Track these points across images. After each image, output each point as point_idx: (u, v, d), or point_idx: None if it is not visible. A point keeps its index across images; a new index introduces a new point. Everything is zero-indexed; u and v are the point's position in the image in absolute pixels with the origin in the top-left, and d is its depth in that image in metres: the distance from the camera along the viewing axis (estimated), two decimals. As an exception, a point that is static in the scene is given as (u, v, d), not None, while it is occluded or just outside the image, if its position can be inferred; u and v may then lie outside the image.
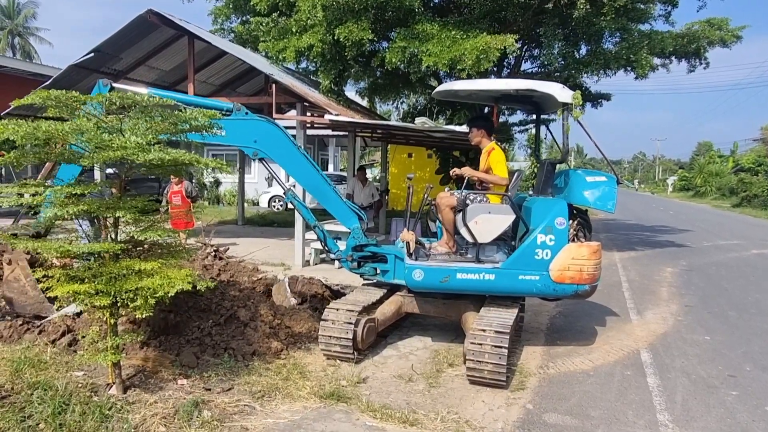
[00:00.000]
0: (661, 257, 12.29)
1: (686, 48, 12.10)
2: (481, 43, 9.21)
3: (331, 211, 5.33)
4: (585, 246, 4.91)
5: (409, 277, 5.10)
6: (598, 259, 4.90)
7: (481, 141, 5.57)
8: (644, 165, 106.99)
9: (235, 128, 4.88)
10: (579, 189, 5.11)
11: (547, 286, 4.89)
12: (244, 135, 4.92)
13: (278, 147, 4.99)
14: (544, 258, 4.86)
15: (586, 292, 4.98)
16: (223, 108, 4.89)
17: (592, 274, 4.86)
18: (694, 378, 4.91)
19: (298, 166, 5.06)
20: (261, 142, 4.93)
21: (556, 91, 5.04)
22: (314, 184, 5.19)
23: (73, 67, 10.24)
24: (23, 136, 3.35)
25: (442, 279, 5.03)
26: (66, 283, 3.56)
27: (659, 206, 35.22)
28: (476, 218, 5.04)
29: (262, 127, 4.95)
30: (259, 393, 4.08)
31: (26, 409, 3.45)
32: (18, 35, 43.47)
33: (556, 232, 4.84)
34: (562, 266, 4.83)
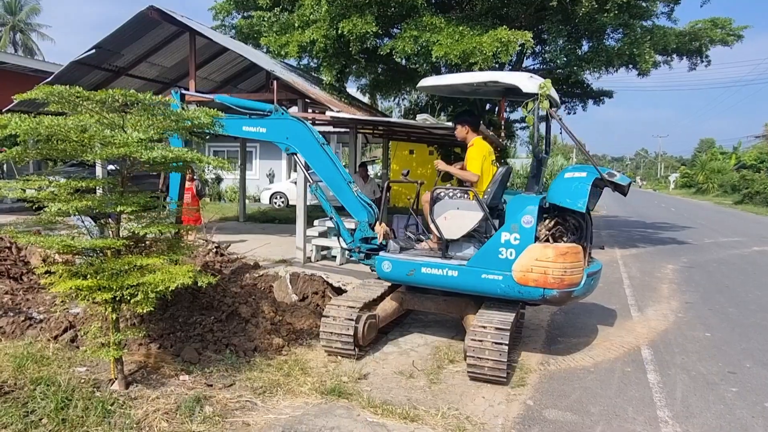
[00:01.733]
0: (663, 254, 12.29)
1: (688, 46, 12.08)
2: (502, 35, 9.18)
3: (344, 204, 5.61)
4: (551, 247, 4.54)
5: (379, 267, 5.18)
6: (567, 263, 4.48)
7: (465, 136, 5.51)
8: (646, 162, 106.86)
9: (273, 126, 5.60)
10: (555, 186, 4.83)
11: (511, 288, 4.61)
12: (279, 132, 5.60)
13: (305, 144, 5.56)
14: (508, 257, 4.60)
15: (555, 298, 4.57)
16: (265, 109, 5.62)
17: (558, 278, 4.46)
18: (694, 374, 4.92)
19: (320, 161, 5.57)
20: (292, 139, 5.57)
21: (522, 81, 4.87)
22: (332, 177, 5.60)
23: (74, 64, 10.24)
24: (26, 131, 3.36)
25: (408, 272, 5.03)
26: (68, 279, 3.58)
27: (661, 203, 35.19)
28: (445, 214, 4.99)
29: (294, 126, 5.58)
30: (261, 389, 4.10)
31: (29, 405, 3.47)
32: (20, 31, 43.45)
33: (521, 231, 4.58)
34: (525, 267, 4.53)
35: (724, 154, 53.94)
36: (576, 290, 4.63)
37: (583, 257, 4.69)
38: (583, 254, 4.75)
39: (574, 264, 4.56)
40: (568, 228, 4.89)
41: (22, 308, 5.59)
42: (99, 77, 11.37)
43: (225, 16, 13.23)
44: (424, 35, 9.66)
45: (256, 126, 5.62)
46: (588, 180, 4.68)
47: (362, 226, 5.51)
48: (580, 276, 4.64)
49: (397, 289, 5.62)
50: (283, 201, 20.86)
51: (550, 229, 4.78)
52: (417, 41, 9.73)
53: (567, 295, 4.62)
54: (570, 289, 4.58)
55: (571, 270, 4.54)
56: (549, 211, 4.88)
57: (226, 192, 23.14)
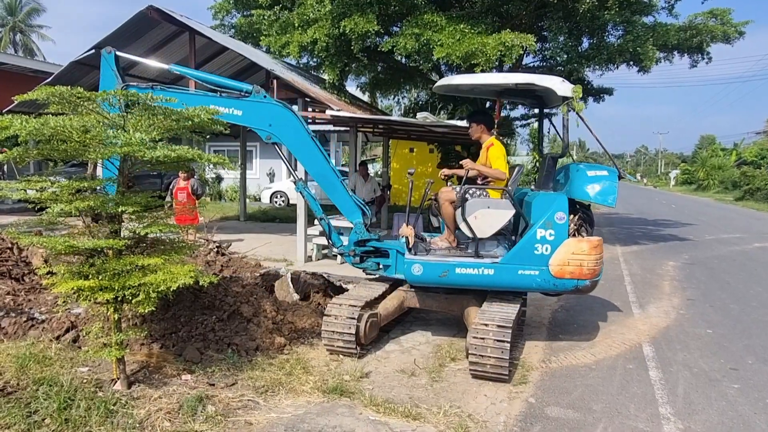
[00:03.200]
0: (664, 251, 12.29)
1: (689, 42, 12.06)
2: (507, 39, 9.20)
3: (336, 203, 5.32)
4: (585, 241, 4.86)
5: (408, 271, 5.12)
6: (598, 254, 4.86)
7: (480, 136, 5.56)
8: (647, 159, 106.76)
9: (252, 110, 4.93)
10: (580, 183, 5.08)
11: (547, 281, 4.85)
12: (260, 117, 4.96)
13: (291, 133, 5.02)
14: (543, 253, 4.83)
15: (587, 287, 4.93)
16: (243, 89, 4.95)
17: (592, 269, 4.81)
18: (696, 371, 4.92)
19: (309, 154, 5.08)
20: (275, 126, 4.97)
21: (556, 84, 4.99)
22: (323, 174, 5.18)
23: (74, 64, 10.25)
24: (30, 132, 3.36)
25: (441, 274, 5.04)
26: (70, 279, 3.58)
27: (662, 200, 35.16)
28: (476, 213, 5.03)
29: (278, 112, 4.98)
30: (263, 388, 4.10)
31: (32, 405, 3.47)
32: (20, 32, 43.44)
33: (556, 227, 4.81)
34: (562, 261, 4.80)
35: (724, 150, 53.87)
36: (599, 279, 4.99)
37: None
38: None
39: (601, 255, 4.94)
40: (585, 221, 5.10)
41: (24, 309, 5.59)
42: (99, 77, 11.36)
43: (224, 15, 13.21)
44: (425, 33, 9.65)
45: (229, 107, 4.83)
46: (614, 177, 5.03)
47: (358, 227, 5.32)
48: (602, 266, 5.00)
49: (399, 287, 5.62)
50: (284, 200, 20.88)
51: (576, 224, 5.02)
52: (419, 39, 9.71)
53: (595, 284, 5.03)
54: (598, 278, 4.95)
55: (600, 260, 4.94)
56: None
57: (227, 191, 23.16)
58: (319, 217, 5.40)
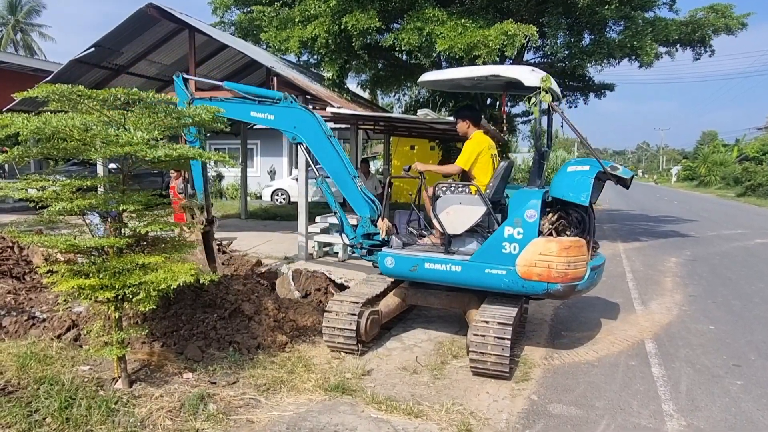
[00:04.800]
0: (665, 247, 12.26)
1: (691, 36, 11.98)
2: (508, 28, 9.13)
3: (347, 198, 5.56)
4: (554, 241, 4.53)
5: (382, 263, 5.17)
6: (571, 257, 4.48)
7: (467, 131, 5.49)
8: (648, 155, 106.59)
9: (281, 114, 5.52)
10: (558, 180, 4.80)
11: (515, 282, 4.60)
12: (287, 121, 5.52)
13: (312, 134, 5.47)
14: (511, 252, 4.60)
15: (559, 292, 4.57)
16: (275, 97, 5.56)
17: (562, 273, 4.45)
18: (698, 368, 4.91)
19: (326, 153, 5.49)
20: (299, 128, 5.48)
21: (524, 74, 4.84)
22: (337, 171, 5.52)
23: (74, 62, 10.21)
24: (32, 131, 3.35)
25: (411, 268, 5.03)
26: (71, 278, 3.57)
27: (663, 196, 35.11)
28: (447, 209, 4.99)
29: (302, 116, 5.49)
30: (265, 386, 4.10)
31: (33, 404, 3.47)
32: (21, 31, 43.40)
33: (525, 225, 4.58)
34: (529, 261, 4.52)
35: (726, 146, 53.70)
36: (580, 284, 4.61)
37: (586, 251, 4.67)
38: (587, 248, 4.73)
39: (577, 258, 4.54)
40: (571, 222, 4.87)
41: (25, 307, 5.59)
42: (99, 75, 11.34)
43: (224, 11, 13.17)
44: (428, 27, 9.60)
45: (264, 112, 5.57)
46: (591, 173, 4.65)
47: (364, 221, 5.47)
48: (584, 270, 4.62)
49: (400, 284, 5.61)
50: (285, 198, 20.85)
51: (553, 223, 4.74)
52: (421, 33, 9.66)
53: (571, 289, 4.60)
54: (574, 283, 4.57)
55: (575, 264, 4.52)
56: (552, 205, 4.85)
57: (228, 189, 23.13)
58: (334, 210, 5.70)
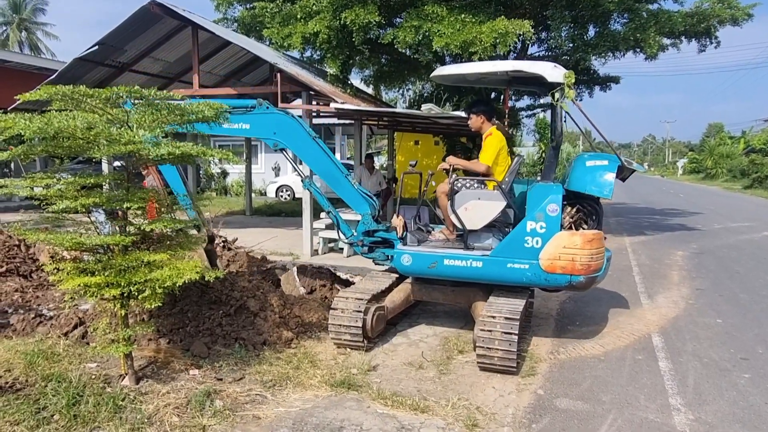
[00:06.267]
0: (672, 241, 12.20)
1: (696, 27, 11.88)
2: (500, 26, 9.08)
3: (343, 197, 5.42)
4: (578, 234, 4.60)
5: (398, 261, 5.14)
6: (593, 249, 4.57)
7: (481, 126, 5.43)
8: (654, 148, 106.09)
9: (257, 122, 5.24)
10: (577, 174, 4.86)
11: (538, 276, 4.65)
12: (265, 127, 5.26)
13: (294, 137, 5.25)
14: (534, 246, 4.63)
15: (581, 284, 4.66)
16: (247, 105, 5.27)
17: (586, 265, 4.54)
18: (706, 361, 4.88)
19: (312, 155, 5.30)
20: (279, 133, 5.24)
21: (547, 70, 4.81)
22: (327, 171, 5.35)
23: (78, 61, 10.23)
24: (35, 132, 3.36)
25: (429, 265, 5.01)
26: (76, 276, 3.58)
27: (669, 189, 34.93)
28: (466, 205, 4.97)
29: (280, 120, 5.24)
30: (271, 382, 4.10)
31: (41, 401, 3.49)
32: (25, 29, 43.53)
33: (547, 219, 4.60)
34: (553, 255, 4.56)
35: (732, 138, 53.29)
36: (599, 275, 4.72)
37: (604, 243, 4.79)
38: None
39: (598, 250, 4.67)
40: (587, 214, 4.92)
41: (32, 305, 5.62)
42: (103, 73, 11.36)
43: (227, 8, 13.14)
44: (425, 25, 9.56)
45: (238, 122, 5.22)
46: (612, 167, 4.75)
47: (366, 218, 5.37)
48: (603, 261, 4.73)
49: (405, 280, 5.61)
50: (290, 194, 20.88)
51: (573, 217, 4.84)
52: (418, 31, 9.62)
53: (592, 281, 4.72)
54: (595, 275, 4.68)
55: (597, 256, 4.65)
56: (566, 198, 4.85)
57: (232, 186, 23.18)
58: (327, 210, 5.53)
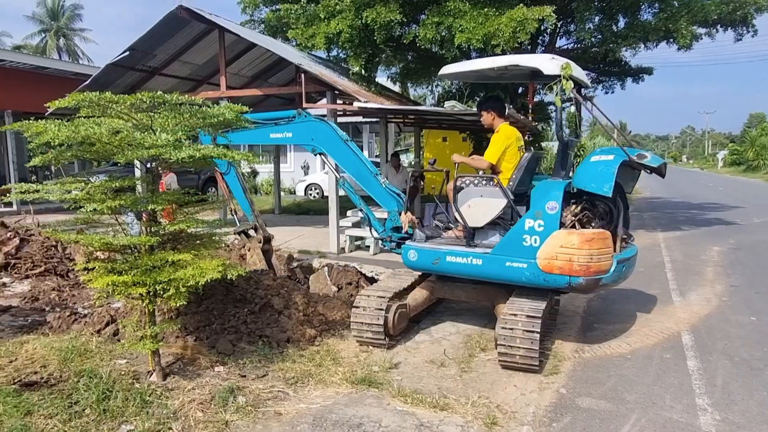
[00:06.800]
0: (708, 236, 11.84)
1: (732, 15, 11.49)
2: (517, 15, 8.98)
3: (373, 195, 5.63)
4: (576, 233, 4.40)
5: (405, 257, 5.20)
6: (593, 249, 4.33)
7: (492, 123, 5.40)
8: (693, 140, 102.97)
9: (298, 130, 5.72)
10: (581, 170, 4.65)
11: (536, 276, 4.50)
12: (304, 135, 5.73)
13: (329, 142, 5.63)
14: (532, 245, 4.49)
15: (582, 286, 4.45)
16: (288, 116, 5.77)
17: (584, 266, 4.32)
18: (736, 360, 4.74)
19: (345, 157, 5.65)
20: (316, 139, 5.66)
21: (543, 63, 4.71)
22: (358, 172, 5.64)
23: (110, 66, 10.55)
24: (63, 138, 3.50)
25: (433, 261, 5.02)
26: (105, 275, 3.72)
27: (708, 182, 33.88)
28: (469, 202, 4.95)
29: (317, 127, 5.66)
30: (293, 379, 4.18)
31: (73, 396, 3.64)
32: (63, 36, 45.04)
33: (546, 217, 4.46)
34: (549, 254, 4.41)
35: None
36: (605, 277, 4.48)
37: (611, 243, 4.55)
38: (613, 240, 4.62)
39: (601, 250, 4.40)
40: (597, 213, 4.76)
41: (68, 304, 5.86)
42: (134, 78, 11.68)
43: (253, 10, 13.35)
44: (446, 21, 9.51)
45: (282, 132, 5.81)
46: (614, 163, 4.48)
47: (393, 215, 5.51)
48: (609, 263, 4.47)
49: (428, 278, 5.62)
50: (318, 192, 21.08)
51: (576, 215, 4.63)
52: (439, 28, 9.59)
53: (595, 283, 4.48)
54: (598, 277, 4.43)
55: (599, 257, 4.38)
56: (578, 196, 4.75)
57: (262, 185, 23.54)
58: (359, 207, 5.83)
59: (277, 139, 5.90)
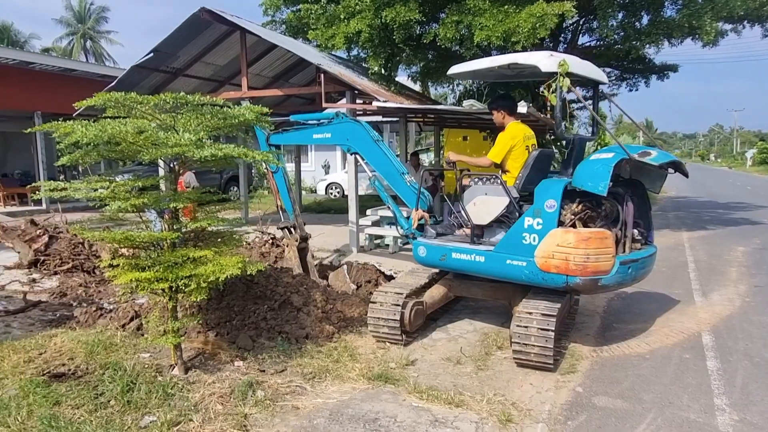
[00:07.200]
0: (734, 236, 11.61)
1: (759, 11, 11.25)
2: (537, 10, 8.94)
3: (398, 193, 5.76)
4: (572, 232, 4.35)
5: (416, 252, 5.27)
6: (590, 249, 4.26)
7: (503, 121, 5.42)
8: (721, 138, 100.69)
9: (336, 131, 6.05)
10: (580, 169, 4.59)
11: (535, 274, 4.50)
12: (341, 135, 6.05)
13: (362, 143, 5.87)
14: (531, 243, 4.50)
15: (579, 286, 4.39)
16: (328, 117, 6.14)
17: (580, 265, 4.26)
18: (757, 361, 4.67)
19: (376, 157, 5.87)
20: (351, 139, 5.94)
21: (541, 60, 4.68)
22: (387, 170, 5.81)
23: (135, 68, 10.80)
24: (91, 138, 3.63)
25: (440, 257, 5.08)
26: (129, 271, 3.84)
27: (736, 181, 33.12)
28: (474, 200, 4.98)
29: (352, 128, 5.94)
30: (311, 374, 4.25)
31: (99, 387, 3.78)
32: (90, 38, 46.05)
33: (544, 216, 4.45)
34: (546, 253, 4.39)
35: (807, 125, 49.83)
36: (605, 278, 4.39)
37: (612, 243, 4.44)
38: (618, 240, 4.57)
39: (598, 250, 4.30)
40: (601, 213, 4.69)
41: (94, 299, 6.04)
42: (158, 79, 11.92)
43: (275, 11, 13.49)
44: (466, 19, 9.50)
45: (322, 132, 6.19)
46: (612, 161, 4.40)
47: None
48: (609, 264, 4.37)
49: (445, 276, 5.65)
50: (339, 191, 21.20)
51: (576, 214, 4.54)
52: (459, 26, 9.58)
53: (593, 284, 4.39)
54: (596, 277, 4.35)
55: (596, 257, 4.29)
56: (585, 195, 4.67)
57: (284, 184, 23.73)
58: (388, 205, 5.96)
59: (319, 139, 6.28)
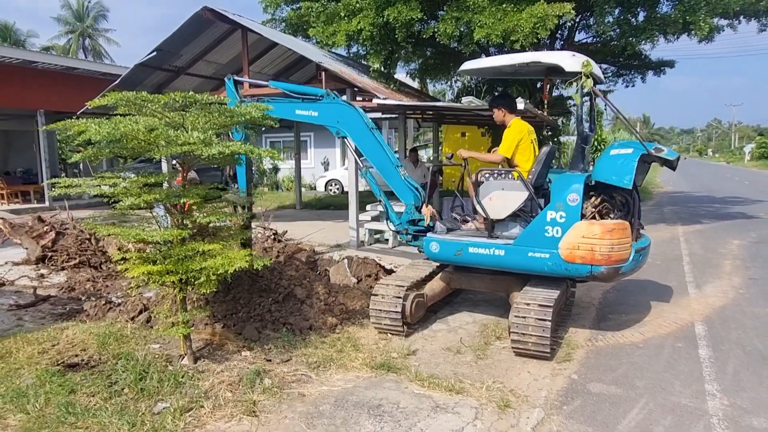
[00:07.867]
0: (729, 229, 11.77)
1: (755, 6, 11.37)
2: (538, 11, 9.06)
3: (392, 187, 5.74)
4: (597, 224, 4.58)
5: (427, 248, 5.34)
6: (614, 239, 4.51)
7: (504, 119, 5.56)
8: (719, 133, 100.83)
9: (324, 110, 5.73)
10: (601, 163, 4.82)
11: (558, 265, 4.67)
12: (330, 116, 5.72)
13: (355, 128, 5.66)
14: (554, 235, 4.67)
15: (603, 275, 4.61)
16: (317, 93, 5.73)
17: (606, 255, 4.49)
18: (749, 350, 4.83)
19: (369, 145, 5.69)
20: (342, 122, 5.68)
21: (564, 60, 4.84)
22: (380, 161, 5.71)
23: (138, 66, 10.90)
24: (104, 136, 3.76)
25: (455, 252, 5.17)
26: (140, 265, 3.98)
27: (734, 176, 33.26)
28: (490, 195, 5.09)
29: (344, 110, 5.69)
30: (315, 363, 4.40)
31: (112, 376, 3.92)
32: (89, 37, 46.05)
33: (567, 209, 4.63)
34: (572, 245, 4.57)
35: (805, 120, 49.99)
36: (624, 266, 4.64)
37: (630, 233, 4.70)
38: (631, 230, 4.75)
39: (621, 240, 4.57)
40: (615, 205, 4.89)
41: (102, 293, 6.17)
42: (161, 77, 12.02)
43: (275, 9, 13.58)
44: (465, 16, 9.62)
45: (308, 110, 5.77)
46: (634, 156, 4.66)
47: (409, 208, 5.65)
48: (628, 252, 4.64)
49: (445, 269, 5.79)
50: (338, 188, 21.32)
51: (596, 207, 4.80)
52: (458, 23, 9.70)
53: (615, 272, 4.64)
54: (618, 266, 4.60)
55: (619, 246, 4.55)
56: (595, 188, 4.88)
57: (283, 181, 23.87)
58: (379, 199, 5.93)
59: (302, 116, 5.78)
